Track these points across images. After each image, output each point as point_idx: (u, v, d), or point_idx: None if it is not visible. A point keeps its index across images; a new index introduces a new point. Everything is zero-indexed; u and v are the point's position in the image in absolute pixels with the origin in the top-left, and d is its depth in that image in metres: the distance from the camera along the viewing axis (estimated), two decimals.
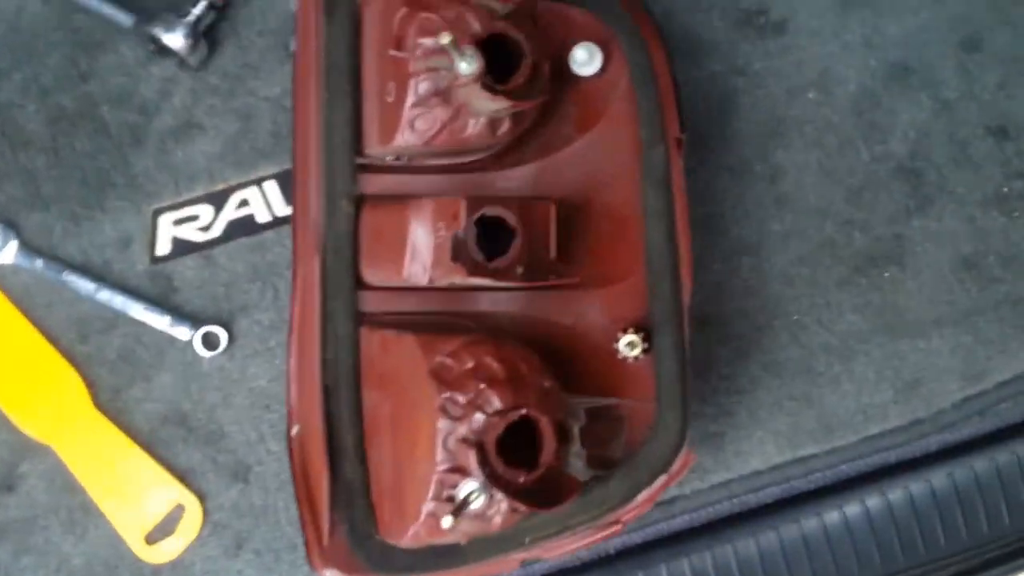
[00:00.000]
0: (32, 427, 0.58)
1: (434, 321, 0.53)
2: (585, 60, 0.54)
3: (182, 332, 0.59)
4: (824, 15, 0.64)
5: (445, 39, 0.46)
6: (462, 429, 0.45)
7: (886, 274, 0.63)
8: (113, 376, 0.59)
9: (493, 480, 0.44)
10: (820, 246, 0.63)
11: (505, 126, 0.52)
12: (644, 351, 0.51)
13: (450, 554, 0.49)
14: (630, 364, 0.52)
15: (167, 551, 0.57)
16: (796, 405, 0.62)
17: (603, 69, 0.54)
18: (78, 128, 0.60)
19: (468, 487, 0.44)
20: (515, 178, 0.55)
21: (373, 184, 0.54)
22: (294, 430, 0.51)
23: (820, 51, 0.64)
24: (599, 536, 0.52)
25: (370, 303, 0.53)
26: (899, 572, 0.63)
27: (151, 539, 0.58)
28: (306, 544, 0.50)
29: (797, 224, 0.63)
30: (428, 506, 0.46)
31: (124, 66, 0.61)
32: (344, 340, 0.51)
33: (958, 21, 0.65)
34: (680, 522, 0.62)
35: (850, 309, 0.62)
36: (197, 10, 0.59)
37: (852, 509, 0.62)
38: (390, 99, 0.51)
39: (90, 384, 0.58)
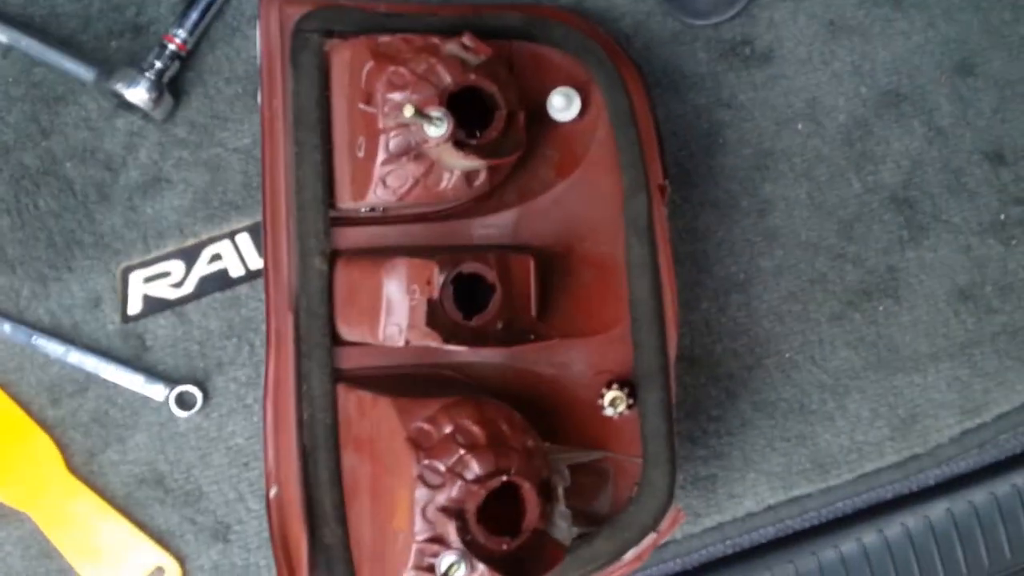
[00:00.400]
0: (7, 494, 0.57)
1: (414, 375, 0.53)
2: (563, 106, 0.53)
3: (156, 392, 0.58)
4: (812, 43, 0.63)
5: (408, 111, 0.45)
6: (441, 498, 0.44)
7: (880, 308, 0.62)
8: (87, 439, 0.58)
9: (474, 550, 0.43)
10: (811, 281, 0.62)
11: (481, 178, 0.51)
12: (628, 407, 0.50)
13: None
14: (614, 419, 0.51)
15: None
16: (789, 445, 0.61)
17: (582, 114, 0.53)
18: (41, 187, 0.59)
19: (448, 560, 0.43)
20: (495, 224, 0.54)
21: (347, 238, 0.53)
22: (272, 492, 0.50)
23: (808, 80, 0.63)
24: None
25: (347, 359, 0.52)
26: None
27: None
28: None
29: (787, 259, 0.62)
30: (408, 575, 0.45)
31: (87, 120, 0.60)
32: (320, 400, 0.50)
33: (951, 45, 0.63)
34: (672, 566, 0.61)
35: (843, 345, 0.61)
36: (159, 62, 0.58)
37: (848, 547, 0.61)
38: (361, 154, 0.50)
39: (64, 448, 0.58)
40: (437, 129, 0.46)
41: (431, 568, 0.44)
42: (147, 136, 0.60)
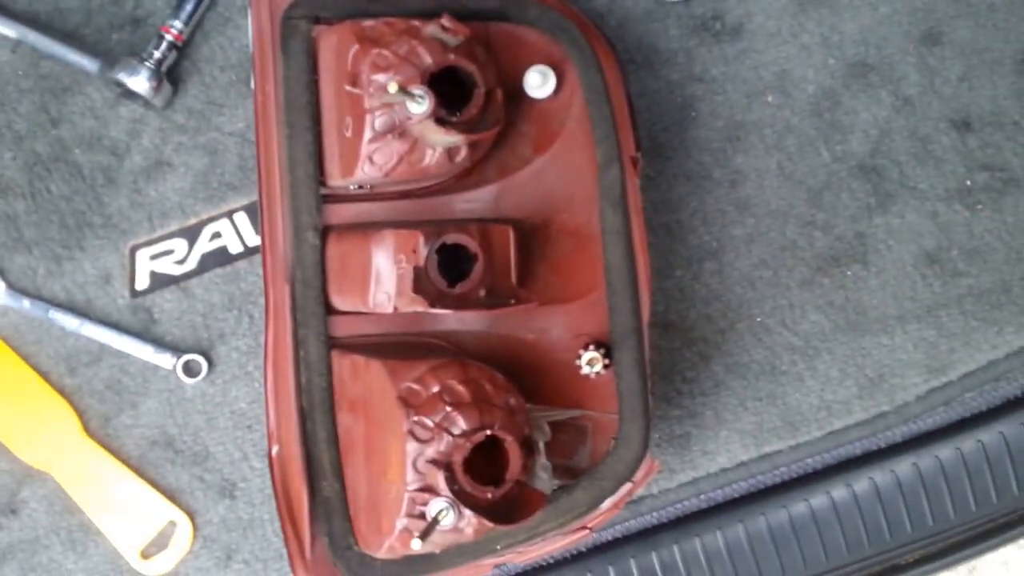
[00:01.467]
0: (30, 456, 0.62)
1: (402, 342, 0.55)
2: (539, 83, 0.55)
3: (165, 361, 0.62)
4: (781, 16, 0.64)
5: (392, 88, 0.48)
6: (430, 451, 0.47)
7: (849, 273, 0.64)
8: (102, 405, 0.62)
9: (461, 498, 0.46)
10: (782, 248, 0.64)
11: (462, 154, 0.53)
12: (605, 367, 0.53)
13: (425, 562, 0.52)
14: (592, 378, 0.53)
15: (162, 565, 0.62)
16: (760, 404, 0.64)
17: (557, 91, 0.55)
18: (53, 172, 0.63)
19: (437, 506, 0.47)
20: (476, 199, 0.56)
21: (337, 214, 0.56)
22: (274, 450, 0.54)
23: (778, 53, 0.64)
24: (567, 541, 0.55)
25: (340, 327, 0.55)
26: (866, 559, 0.65)
27: (147, 554, 0.62)
28: (289, 557, 0.53)
29: (758, 227, 0.64)
30: (401, 522, 0.48)
31: (93, 109, 0.63)
32: (317, 364, 0.53)
33: (918, 14, 0.64)
34: (649, 519, 0.64)
35: (813, 309, 0.63)
36: (158, 53, 0.61)
37: (818, 501, 0.64)
38: (348, 134, 0.53)
39: (81, 414, 0.62)
40: (419, 106, 0.48)
41: (422, 515, 0.47)
42: (149, 123, 0.63)
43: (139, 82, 0.60)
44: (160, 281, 0.62)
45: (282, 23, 0.54)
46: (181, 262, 0.63)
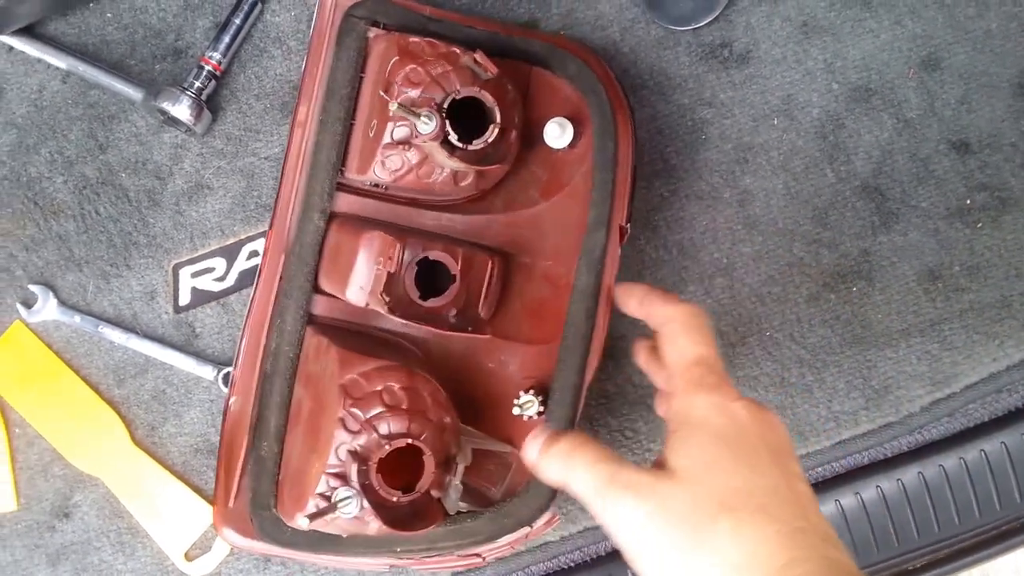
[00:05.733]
0: (82, 462, 0.65)
1: (371, 335, 0.57)
2: (557, 134, 0.57)
3: (206, 372, 0.65)
4: (786, 44, 0.66)
5: (393, 107, 0.50)
6: (354, 442, 0.50)
7: (854, 288, 0.65)
8: (148, 415, 0.65)
9: (367, 493, 0.49)
10: (789, 265, 0.65)
11: (468, 180, 0.56)
12: (538, 413, 0.54)
13: (330, 542, 0.54)
14: (524, 420, 0.55)
15: (205, 566, 0.64)
16: None
17: (573, 144, 0.57)
18: (101, 195, 0.66)
19: (342, 493, 0.49)
20: (476, 224, 0.58)
21: (347, 204, 0.58)
22: (231, 400, 0.57)
23: (783, 79, 0.66)
24: (460, 564, 0.56)
25: (320, 307, 0.58)
26: (874, 564, 0.66)
27: (191, 556, 0.65)
28: (214, 500, 0.56)
29: (766, 245, 0.65)
30: (313, 499, 0.51)
31: (138, 135, 0.66)
32: (290, 335, 0.56)
33: (917, 41, 0.66)
34: None
35: (820, 323, 0.65)
36: (198, 82, 0.64)
37: (827, 508, 0.66)
38: (371, 135, 0.55)
39: (129, 422, 0.65)
40: (425, 126, 0.51)
41: (330, 498, 0.49)
42: (190, 148, 0.66)
43: (181, 110, 0.63)
44: (201, 297, 0.65)
45: (343, 18, 0.57)
46: (221, 279, 0.65)
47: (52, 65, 0.66)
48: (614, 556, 0.66)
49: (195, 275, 0.65)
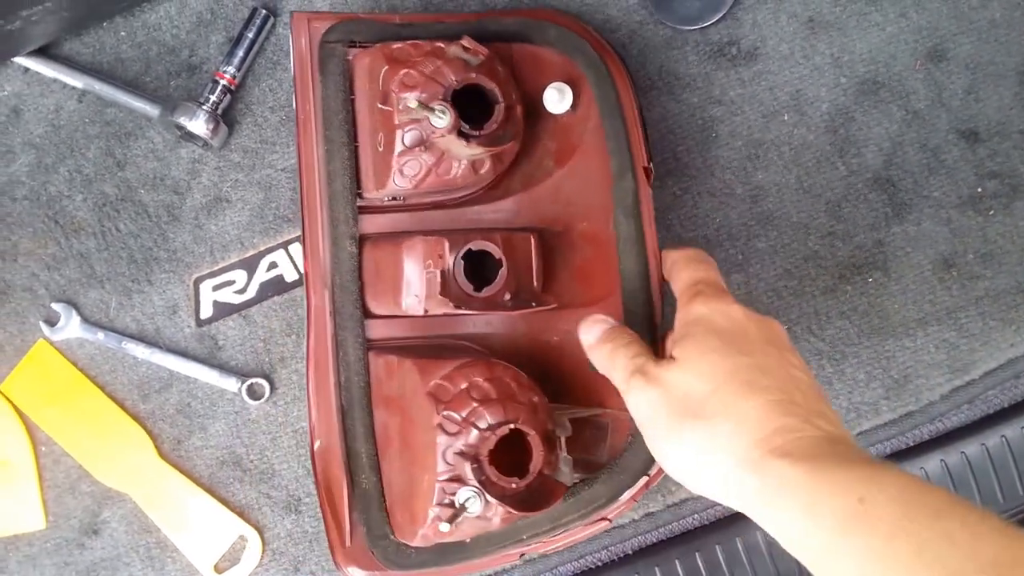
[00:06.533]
0: (109, 479, 0.65)
1: (433, 344, 0.58)
2: (557, 99, 0.57)
3: (230, 385, 0.65)
4: (793, 40, 0.67)
5: (412, 103, 0.51)
6: (459, 443, 0.50)
7: (870, 279, 0.66)
8: (174, 429, 0.65)
9: (487, 487, 0.49)
10: (805, 258, 0.66)
11: (486, 166, 0.56)
12: None
13: (457, 550, 0.54)
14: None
15: None
16: None
17: (575, 106, 0.58)
18: (121, 212, 0.67)
19: (464, 494, 0.49)
20: (502, 209, 0.59)
21: (373, 224, 0.59)
22: (316, 445, 0.56)
23: (792, 75, 0.67)
24: (589, 532, 0.56)
25: (376, 331, 0.58)
26: None
27: (220, 568, 0.65)
28: (330, 545, 0.55)
29: (781, 239, 0.66)
30: (433, 511, 0.51)
31: (155, 151, 0.67)
32: (355, 364, 0.56)
33: (923, 33, 0.67)
34: (691, 521, 0.66)
35: (838, 315, 0.65)
36: (213, 96, 0.65)
37: None
38: (381, 148, 0.56)
39: (154, 437, 0.65)
40: (440, 120, 0.51)
41: (452, 504, 0.49)
42: (207, 162, 0.66)
43: (198, 124, 0.63)
44: (223, 310, 0.66)
45: (320, 48, 0.57)
46: (241, 291, 0.66)
47: (68, 85, 0.67)
48: (641, 554, 0.66)
49: (216, 288, 0.66)
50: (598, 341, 0.50)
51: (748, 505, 0.42)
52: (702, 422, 0.43)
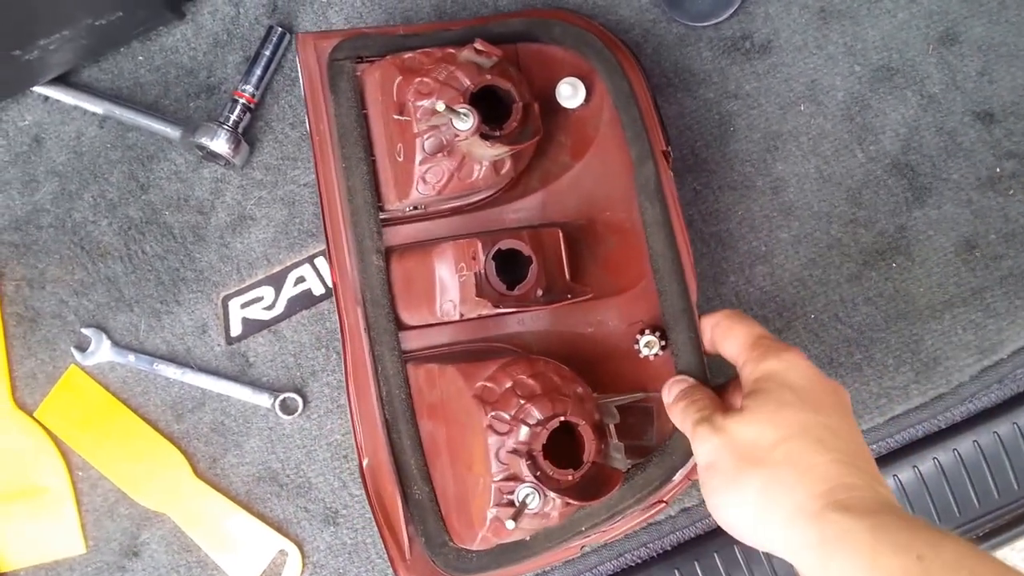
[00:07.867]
0: (147, 500, 0.65)
1: (470, 349, 0.58)
2: (570, 94, 0.58)
3: (263, 400, 0.65)
4: (806, 31, 0.67)
5: (440, 107, 0.51)
6: (510, 442, 0.50)
7: (894, 264, 0.66)
8: (209, 447, 0.66)
9: (544, 482, 0.49)
10: (828, 247, 0.66)
11: (507, 166, 0.56)
12: (662, 348, 0.56)
13: (518, 549, 0.54)
14: (651, 361, 0.56)
15: None
16: None
17: (588, 99, 0.58)
18: (146, 234, 0.67)
19: (524, 491, 0.49)
20: (523, 208, 0.59)
21: (397, 235, 0.59)
22: (365, 462, 0.56)
23: (806, 65, 0.67)
24: (647, 516, 0.57)
25: (411, 341, 0.58)
26: None
27: None
28: (391, 561, 0.55)
29: (804, 229, 0.66)
30: (491, 512, 0.51)
31: (178, 173, 0.67)
32: (394, 377, 0.56)
33: (934, 17, 0.67)
34: (712, 521, 0.66)
35: (864, 302, 0.66)
36: (234, 116, 0.65)
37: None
38: (400, 158, 0.56)
39: (190, 456, 0.65)
40: (464, 122, 0.51)
41: (510, 503, 0.50)
42: (230, 181, 0.67)
43: (219, 144, 0.63)
44: (252, 327, 0.66)
45: (328, 65, 0.58)
46: (270, 307, 0.66)
47: (88, 111, 0.67)
48: (679, 549, 0.66)
49: (244, 305, 0.66)
50: (675, 399, 0.52)
51: (804, 558, 0.42)
52: (765, 469, 0.44)
